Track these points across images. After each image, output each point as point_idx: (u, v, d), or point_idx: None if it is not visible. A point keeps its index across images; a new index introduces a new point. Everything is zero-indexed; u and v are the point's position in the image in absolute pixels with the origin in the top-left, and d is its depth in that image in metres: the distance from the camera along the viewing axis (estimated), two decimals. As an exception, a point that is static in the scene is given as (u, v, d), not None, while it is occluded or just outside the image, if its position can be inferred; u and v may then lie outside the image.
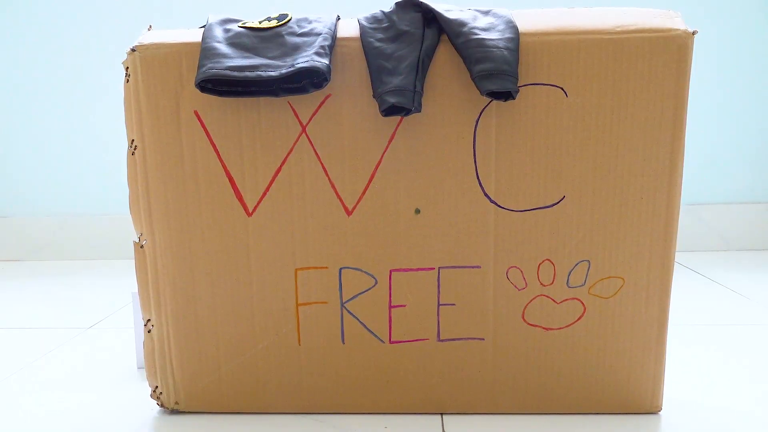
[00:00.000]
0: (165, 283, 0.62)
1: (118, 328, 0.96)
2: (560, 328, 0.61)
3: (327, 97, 0.58)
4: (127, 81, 0.59)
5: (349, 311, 0.62)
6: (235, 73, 0.54)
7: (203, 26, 0.60)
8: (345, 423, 0.62)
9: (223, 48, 0.56)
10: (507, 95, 0.54)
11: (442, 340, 0.62)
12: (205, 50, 0.56)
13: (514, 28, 0.56)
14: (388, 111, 0.54)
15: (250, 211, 0.60)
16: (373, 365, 0.63)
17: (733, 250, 1.42)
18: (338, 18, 0.60)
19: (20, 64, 1.45)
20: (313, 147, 0.59)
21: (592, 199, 0.58)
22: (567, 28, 0.56)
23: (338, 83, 0.57)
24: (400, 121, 0.58)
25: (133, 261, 0.63)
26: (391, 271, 0.61)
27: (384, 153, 0.58)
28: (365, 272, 0.61)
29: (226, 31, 0.58)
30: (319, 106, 0.58)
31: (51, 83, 1.45)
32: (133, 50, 0.58)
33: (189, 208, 0.60)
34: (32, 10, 1.42)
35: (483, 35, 0.55)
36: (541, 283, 0.60)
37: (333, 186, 0.59)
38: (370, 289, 0.61)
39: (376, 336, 0.62)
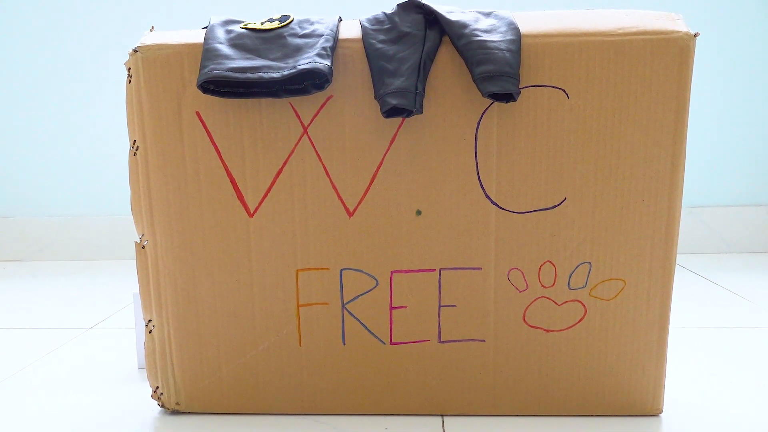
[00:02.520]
0: (166, 284, 0.62)
1: (119, 328, 0.96)
2: (561, 330, 0.61)
3: (328, 98, 0.58)
4: (129, 82, 0.59)
5: (350, 312, 0.62)
6: (237, 75, 0.54)
7: (205, 27, 0.60)
8: (345, 424, 0.62)
9: (225, 49, 0.56)
10: (508, 97, 0.54)
11: (443, 342, 0.62)
12: (207, 51, 0.56)
13: (515, 29, 0.56)
14: (390, 112, 0.54)
15: (252, 211, 0.60)
16: (374, 366, 0.63)
17: (734, 253, 1.42)
18: (340, 19, 0.60)
19: (21, 64, 1.45)
20: (314, 148, 0.59)
21: (594, 201, 0.58)
22: (569, 30, 0.56)
23: (340, 85, 0.57)
24: (402, 122, 0.58)
25: (135, 261, 0.63)
26: (392, 273, 0.61)
27: (385, 154, 0.58)
28: (366, 273, 0.61)
29: (228, 32, 0.58)
30: (321, 108, 0.58)
31: (52, 83, 1.45)
32: (135, 51, 0.58)
33: (190, 209, 0.60)
34: (33, 10, 1.43)
35: (485, 37, 0.55)
36: (542, 285, 0.60)
37: (334, 187, 0.59)
38: (371, 290, 0.61)
39: (376, 337, 0.62)
